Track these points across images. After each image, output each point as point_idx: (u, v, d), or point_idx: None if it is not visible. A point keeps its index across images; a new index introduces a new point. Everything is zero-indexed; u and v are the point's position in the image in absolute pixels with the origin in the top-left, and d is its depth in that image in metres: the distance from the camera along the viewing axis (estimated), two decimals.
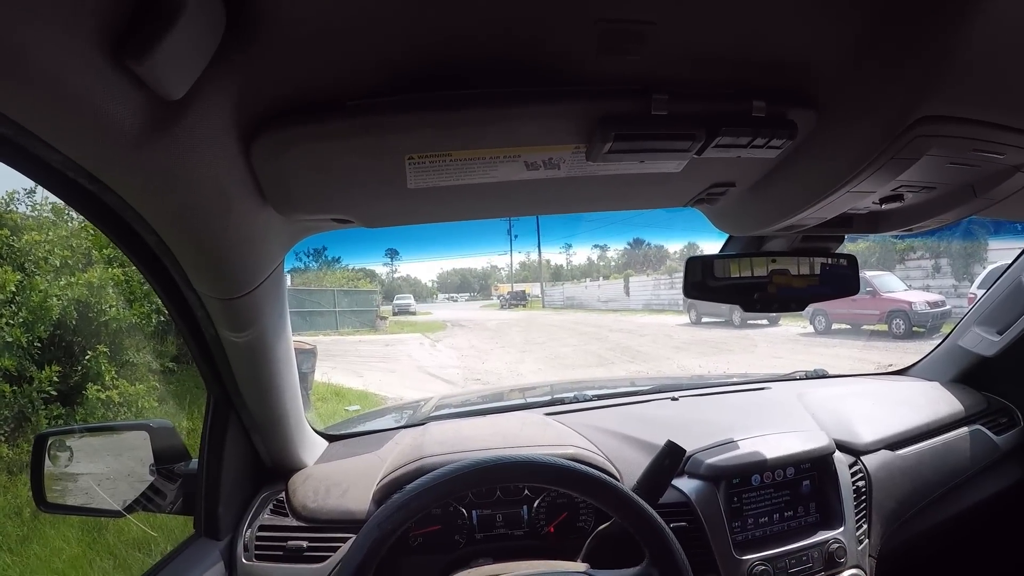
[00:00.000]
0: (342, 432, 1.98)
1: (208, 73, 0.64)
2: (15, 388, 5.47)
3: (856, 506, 1.73)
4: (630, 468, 1.62)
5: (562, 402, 2.12)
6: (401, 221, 1.21)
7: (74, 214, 6.65)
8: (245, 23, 0.63)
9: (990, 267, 10.60)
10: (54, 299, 5.78)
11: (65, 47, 0.53)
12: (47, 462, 1.56)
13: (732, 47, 0.77)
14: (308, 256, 20.29)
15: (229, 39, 0.63)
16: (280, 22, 0.64)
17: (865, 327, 12.74)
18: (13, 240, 6.00)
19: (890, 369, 2.69)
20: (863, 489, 1.79)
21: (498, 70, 0.76)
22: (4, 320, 5.44)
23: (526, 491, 1.60)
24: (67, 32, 0.52)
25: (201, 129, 0.73)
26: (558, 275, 34.39)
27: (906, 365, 2.57)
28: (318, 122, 0.79)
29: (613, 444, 1.74)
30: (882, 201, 1.11)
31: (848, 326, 13.17)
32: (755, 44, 0.76)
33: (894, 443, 1.93)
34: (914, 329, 11.82)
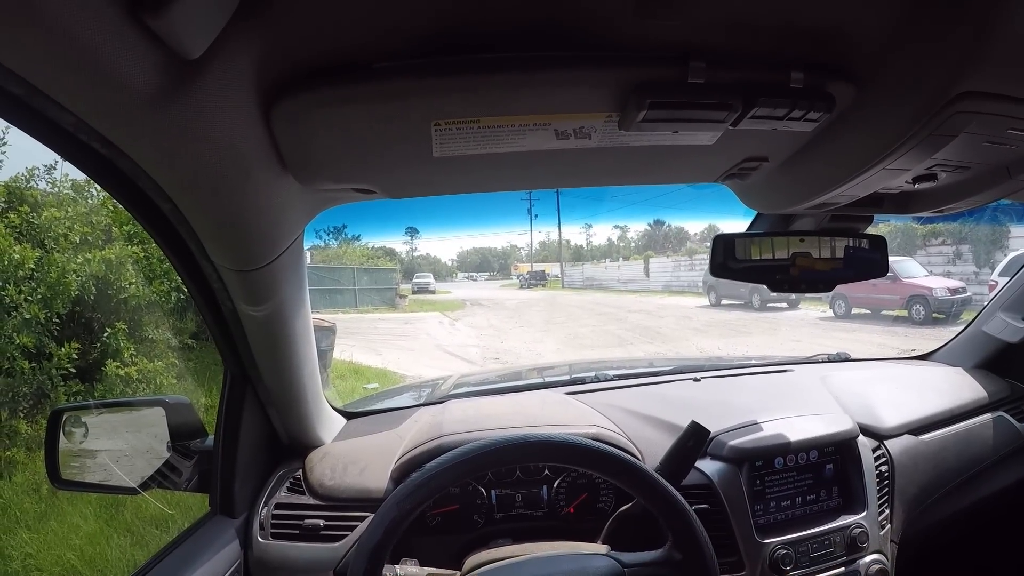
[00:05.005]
0: (360, 410, 1.98)
1: (228, 31, 0.62)
2: (34, 365, 5.52)
3: (879, 491, 1.72)
4: (652, 448, 1.60)
5: (582, 381, 2.12)
6: (425, 192, 1.18)
7: (95, 190, 6.71)
8: None
9: (1012, 254, 10.46)
10: (72, 275, 5.82)
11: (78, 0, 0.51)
12: (62, 438, 1.55)
13: (772, 15, 0.74)
14: (328, 233, 20.40)
15: None
16: None
17: (885, 312, 12.64)
18: (33, 217, 6.06)
19: (913, 354, 2.66)
20: (886, 474, 1.78)
21: (530, 33, 0.73)
22: (23, 296, 5.48)
23: (546, 471, 1.59)
24: None
25: (219, 90, 0.70)
26: (578, 255, 34.24)
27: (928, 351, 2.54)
28: (343, 85, 0.77)
29: (634, 424, 1.72)
30: (915, 180, 1.10)
31: (868, 311, 13.07)
32: (795, 13, 0.74)
33: (917, 428, 1.92)
34: (934, 316, 11.72)
